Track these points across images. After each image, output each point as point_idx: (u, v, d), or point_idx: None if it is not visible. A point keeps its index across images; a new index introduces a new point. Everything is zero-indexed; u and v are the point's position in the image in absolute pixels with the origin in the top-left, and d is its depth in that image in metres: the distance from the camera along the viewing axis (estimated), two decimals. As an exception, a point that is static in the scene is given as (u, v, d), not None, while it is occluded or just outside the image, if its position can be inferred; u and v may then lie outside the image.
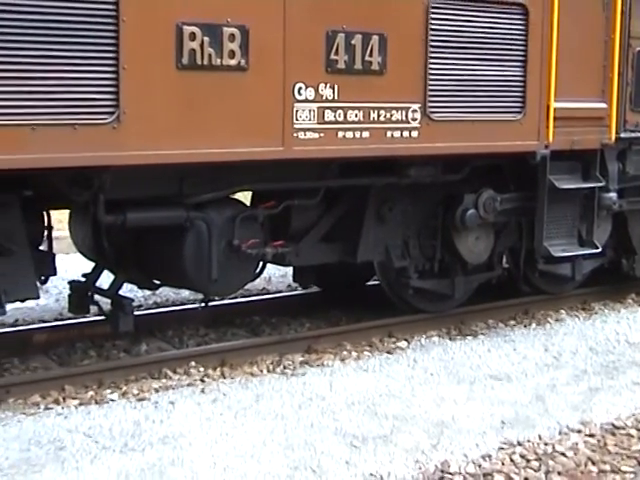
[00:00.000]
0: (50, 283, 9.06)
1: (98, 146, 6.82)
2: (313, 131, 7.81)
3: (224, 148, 7.43)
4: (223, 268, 8.18)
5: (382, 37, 8.08)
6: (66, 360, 8.63)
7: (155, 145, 7.09)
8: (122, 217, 7.69)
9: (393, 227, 9.37)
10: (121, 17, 6.82)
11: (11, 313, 8.98)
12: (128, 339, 8.97)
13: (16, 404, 7.42)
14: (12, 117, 6.45)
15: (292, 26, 7.61)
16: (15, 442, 6.56)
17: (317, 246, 9.11)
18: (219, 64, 7.31)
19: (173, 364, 8.29)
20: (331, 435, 6.83)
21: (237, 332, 9.60)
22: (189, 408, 7.25)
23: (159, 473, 6.14)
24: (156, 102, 7.07)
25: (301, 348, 8.88)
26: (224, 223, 8.19)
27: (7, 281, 7.46)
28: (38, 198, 7.78)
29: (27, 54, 6.48)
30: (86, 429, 6.81)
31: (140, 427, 6.87)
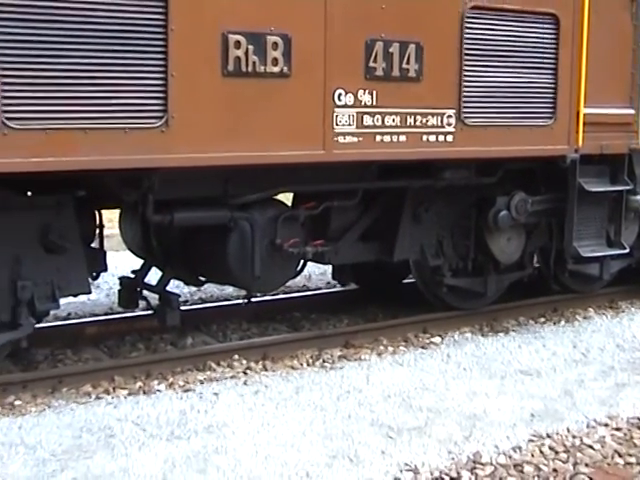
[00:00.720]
0: (101, 279, 9.11)
1: (147, 149, 6.87)
2: (352, 135, 7.82)
3: (267, 151, 7.45)
4: (265, 266, 8.20)
5: (419, 46, 8.08)
6: (116, 352, 8.69)
7: (201, 148, 7.12)
8: (169, 217, 7.74)
9: (428, 227, 9.36)
10: (170, 26, 6.86)
11: (64, 307, 9.03)
12: (175, 333, 9.01)
13: (69, 393, 7.49)
14: (67, 121, 6.52)
15: (333, 35, 7.62)
16: (68, 429, 6.61)
17: (355, 245, 9.12)
18: (263, 71, 7.33)
19: (217, 357, 8.32)
20: (368, 426, 6.83)
21: (278, 327, 9.63)
22: (232, 399, 7.27)
23: (204, 460, 6.16)
24: (202, 107, 7.10)
25: (339, 343, 8.89)
26: (267, 223, 8.22)
27: (61, 277, 7.54)
28: (90, 198, 7.83)
29: (81, 62, 6.53)
30: (135, 418, 6.85)
31: (186, 416, 6.90)
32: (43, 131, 6.46)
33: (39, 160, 6.46)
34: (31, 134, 6.42)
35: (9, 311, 7.36)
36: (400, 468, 6.20)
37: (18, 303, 7.33)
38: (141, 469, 6.01)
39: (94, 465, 6.06)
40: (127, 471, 5.98)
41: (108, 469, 6.00)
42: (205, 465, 6.10)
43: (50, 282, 7.49)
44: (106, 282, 10.78)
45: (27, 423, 6.71)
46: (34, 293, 7.37)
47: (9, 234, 7.24)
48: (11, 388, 7.44)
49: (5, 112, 6.30)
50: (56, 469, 5.99)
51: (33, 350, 8.27)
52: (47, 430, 6.59)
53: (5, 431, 6.55)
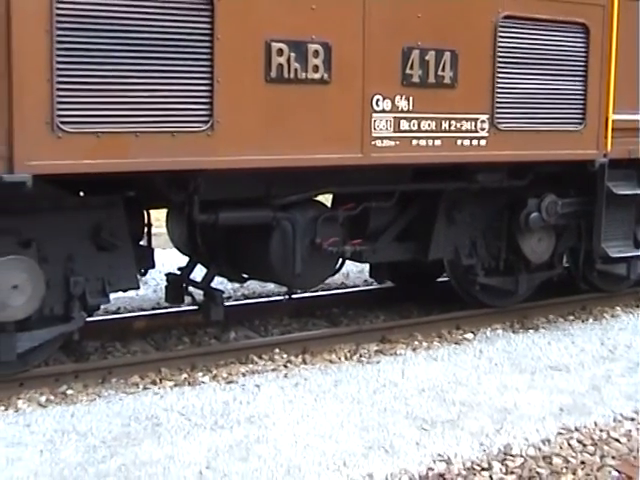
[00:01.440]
0: (149, 275, 9.20)
1: (194, 152, 6.91)
2: (389, 139, 7.83)
3: (308, 154, 7.48)
4: (306, 264, 8.23)
5: (454, 53, 8.07)
6: (162, 345, 8.73)
7: (245, 151, 7.15)
8: (214, 216, 7.78)
9: (462, 228, 9.35)
10: (216, 35, 6.90)
11: (114, 302, 9.10)
12: (218, 327, 9.05)
13: (118, 384, 7.54)
14: (118, 125, 6.58)
15: (371, 43, 7.63)
16: (117, 418, 6.67)
17: (392, 245, 9.12)
18: (304, 78, 7.35)
19: (259, 351, 8.35)
20: (403, 418, 6.84)
21: (317, 322, 9.64)
22: (273, 391, 7.30)
23: (245, 449, 6.19)
24: (246, 112, 7.14)
25: (376, 338, 8.88)
26: (307, 223, 8.24)
27: (111, 273, 7.61)
28: (139, 198, 7.90)
29: (132, 68, 6.59)
30: (180, 408, 6.90)
31: (229, 407, 6.94)
32: (95, 134, 6.52)
33: (91, 162, 6.52)
34: (84, 137, 6.48)
35: (62, 305, 7.43)
36: (433, 459, 6.21)
37: (71, 298, 7.40)
38: (186, 456, 6.05)
39: (141, 452, 6.11)
40: (173, 458, 6.02)
41: (155, 456, 6.05)
42: (247, 454, 6.13)
43: (101, 278, 7.55)
44: (153, 278, 10.84)
45: (79, 411, 6.78)
46: (86, 288, 7.43)
47: (63, 232, 7.31)
48: (64, 378, 7.50)
49: (60, 116, 6.37)
50: (106, 455, 6.04)
51: (84, 342, 8.34)
52: (97, 418, 6.65)
53: (58, 419, 6.62)
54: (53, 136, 6.37)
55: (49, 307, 7.35)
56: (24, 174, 6.27)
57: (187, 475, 5.79)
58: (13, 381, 7.31)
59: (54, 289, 7.32)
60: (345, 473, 5.91)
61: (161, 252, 10.02)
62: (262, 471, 5.88)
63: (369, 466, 6.02)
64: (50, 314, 7.40)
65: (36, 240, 7.16)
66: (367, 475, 5.90)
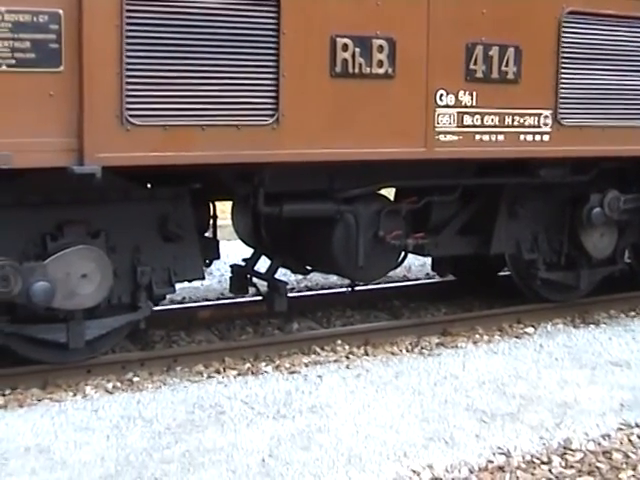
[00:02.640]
0: (213, 266, 9.24)
1: (259, 145, 6.95)
2: (453, 134, 7.80)
3: (371, 148, 7.48)
4: (369, 256, 8.23)
5: (517, 49, 8.01)
6: (226, 335, 8.79)
7: (310, 145, 7.17)
8: (279, 209, 7.81)
9: (524, 223, 9.28)
10: (282, 30, 6.92)
11: (179, 292, 9.17)
12: (282, 318, 9.08)
13: (182, 372, 7.61)
14: (185, 118, 6.64)
15: (435, 38, 7.61)
16: (182, 405, 6.73)
17: (454, 239, 9.09)
18: (368, 72, 7.35)
19: (321, 342, 8.37)
20: (463, 411, 6.82)
21: (379, 315, 9.64)
22: (335, 382, 7.31)
23: (307, 438, 6.21)
24: (311, 106, 7.16)
25: (437, 331, 8.86)
26: (370, 216, 8.24)
27: (177, 264, 7.67)
28: (205, 190, 7.95)
29: (199, 62, 6.65)
30: (243, 397, 6.93)
31: (291, 397, 6.97)
32: (163, 127, 6.58)
33: (159, 154, 6.59)
34: (152, 130, 6.55)
35: (129, 294, 7.51)
36: (493, 451, 6.17)
37: (138, 287, 7.48)
38: (249, 444, 6.09)
39: (205, 439, 6.15)
40: (236, 446, 6.06)
41: (218, 443, 6.09)
42: (309, 443, 6.15)
43: (167, 268, 7.63)
44: (218, 269, 10.91)
45: (144, 398, 6.85)
46: (152, 278, 7.51)
47: (130, 223, 7.39)
48: (130, 366, 7.59)
49: (128, 109, 6.44)
50: (170, 442, 6.10)
51: (150, 331, 8.42)
52: (162, 405, 6.72)
53: (125, 405, 6.70)
54: (122, 129, 6.45)
55: (117, 296, 7.44)
56: (94, 166, 6.34)
57: (250, 463, 5.82)
58: (81, 368, 7.41)
59: (122, 278, 7.40)
60: (405, 464, 5.90)
61: (226, 244, 10.05)
62: (323, 460, 5.90)
63: (429, 457, 6.01)
64: (118, 303, 7.49)
65: (105, 230, 7.25)
66: (427, 466, 5.89)
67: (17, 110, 6.17)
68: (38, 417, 6.46)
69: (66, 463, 5.75)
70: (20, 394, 7.00)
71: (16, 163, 6.21)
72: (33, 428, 6.26)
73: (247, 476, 5.65)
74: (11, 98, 6.15)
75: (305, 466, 5.80)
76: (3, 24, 6.08)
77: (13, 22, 6.10)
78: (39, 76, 6.21)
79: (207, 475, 5.64)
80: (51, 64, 6.23)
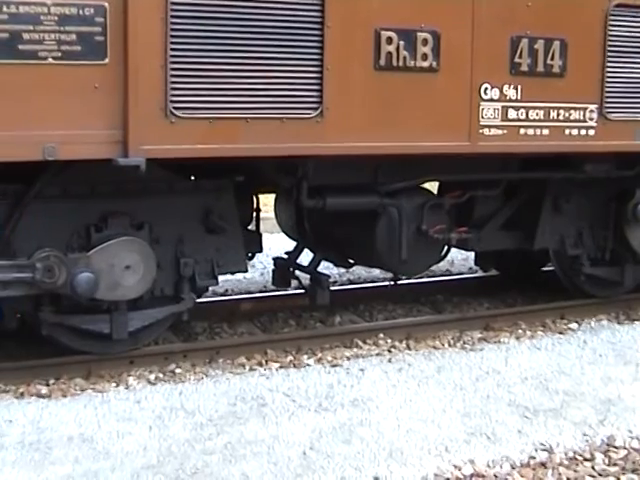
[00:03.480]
0: (256, 259, 9.30)
1: (303, 138, 6.94)
2: (497, 128, 7.75)
3: (415, 142, 7.44)
4: (412, 250, 8.20)
5: (563, 42, 7.94)
6: (269, 327, 8.80)
7: (353, 138, 7.16)
8: (322, 202, 7.80)
9: (568, 218, 9.20)
10: (326, 23, 6.91)
11: (222, 284, 9.17)
12: (324, 311, 9.07)
13: (225, 364, 7.63)
14: (229, 111, 6.64)
15: (480, 31, 7.56)
16: (224, 397, 6.74)
17: (497, 233, 9.03)
18: (413, 66, 7.32)
19: (363, 335, 8.36)
20: (505, 406, 6.77)
21: (422, 309, 9.61)
22: (377, 375, 7.29)
23: (349, 432, 6.20)
24: (355, 99, 7.14)
25: (480, 326, 8.82)
26: (414, 210, 8.21)
27: (220, 256, 7.68)
28: (248, 183, 7.95)
29: (244, 55, 6.66)
30: (285, 389, 6.93)
31: (333, 390, 6.95)
32: (207, 120, 6.60)
33: (203, 147, 6.61)
34: (196, 123, 6.57)
35: (172, 286, 7.53)
36: (535, 447, 6.13)
37: (181, 279, 7.50)
38: (290, 437, 6.08)
39: (247, 431, 6.16)
40: (277, 438, 6.06)
41: (260, 435, 6.09)
42: (350, 436, 6.13)
43: (210, 260, 7.64)
44: (261, 262, 10.93)
45: (187, 390, 6.87)
46: (195, 270, 7.52)
47: (174, 215, 7.41)
48: (172, 357, 7.62)
49: (173, 102, 6.46)
50: (212, 433, 6.11)
51: (193, 323, 8.45)
52: (205, 397, 6.73)
53: (167, 396, 6.72)
54: (166, 121, 6.47)
55: (160, 288, 7.46)
56: (138, 158, 6.37)
57: (291, 455, 5.82)
58: (124, 358, 7.45)
59: (165, 270, 7.43)
60: (447, 458, 5.88)
61: (268, 236, 10.07)
62: (364, 454, 5.88)
63: (471, 452, 5.98)
64: (161, 294, 7.52)
65: (148, 222, 7.28)
66: (469, 461, 5.86)
67: (62, 102, 6.21)
68: (81, 407, 6.50)
69: (109, 453, 5.79)
70: (64, 384, 7.06)
71: (61, 155, 6.24)
72: (76, 418, 6.30)
73: (288, 468, 5.65)
74: (57, 90, 6.19)
75: (346, 459, 5.78)
76: (49, 17, 6.11)
77: (59, 15, 6.14)
78: (84, 68, 6.24)
79: (248, 467, 5.64)
80: (96, 57, 6.26)
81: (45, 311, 7.08)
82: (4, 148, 6.08)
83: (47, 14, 6.10)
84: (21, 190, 6.88)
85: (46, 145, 6.16)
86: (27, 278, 6.70)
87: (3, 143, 6.07)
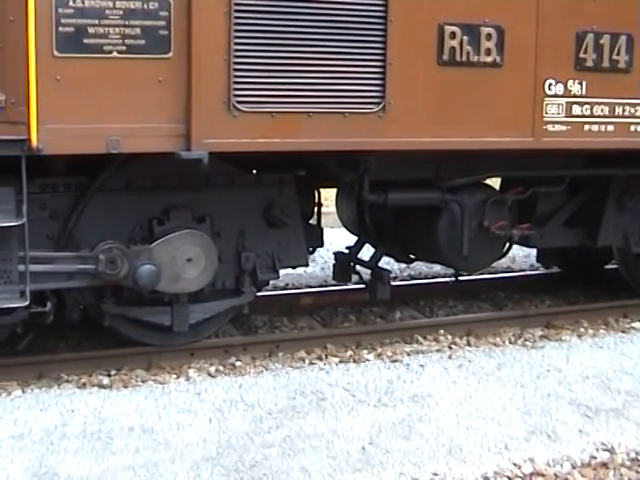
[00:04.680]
0: (317, 253, 9.27)
1: (365, 133, 6.93)
2: (561, 124, 7.67)
3: (478, 138, 7.40)
4: (473, 246, 8.15)
5: (629, 37, 7.83)
6: (328, 322, 8.80)
7: (415, 133, 7.13)
8: (384, 197, 7.79)
9: (632, 215, 9.07)
10: (389, 18, 6.89)
11: (282, 278, 9.19)
12: (384, 306, 9.05)
13: (284, 358, 7.64)
14: (292, 105, 6.65)
15: (544, 26, 7.49)
16: (283, 391, 6.75)
17: (560, 230, 8.94)
18: (476, 61, 7.27)
19: (424, 331, 8.33)
20: (566, 405, 6.70)
21: (482, 305, 9.55)
22: (437, 371, 7.26)
23: (408, 427, 6.18)
24: (417, 94, 7.11)
25: (541, 323, 8.74)
26: (476, 206, 8.16)
27: (281, 250, 7.70)
28: (310, 177, 7.95)
29: (307, 50, 6.66)
30: (345, 384, 6.92)
31: (392, 385, 6.93)
32: (269, 114, 6.60)
33: (266, 141, 6.62)
34: (259, 117, 6.58)
35: (233, 279, 7.56)
36: (596, 447, 6.06)
37: (242, 272, 7.53)
38: (349, 431, 6.08)
39: (306, 425, 6.16)
40: (336, 432, 6.06)
41: (319, 430, 6.09)
42: (409, 432, 6.11)
43: (271, 254, 7.66)
44: (321, 256, 10.93)
45: (246, 383, 6.89)
46: (256, 264, 7.55)
47: (236, 209, 7.43)
48: (233, 350, 7.65)
49: (236, 96, 6.47)
50: (271, 426, 6.12)
51: (253, 316, 8.48)
52: (264, 390, 6.75)
53: (227, 389, 6.75)
54: (229, 115, 6.49)
55: (221, 281, 7.50)
56: (201, 151, 6.39)
57: (350, 450, 5.81)
58: (185, 351, 7.49)
59: (226, 263, 7.46)
60: (506, 456, 5.83)
61: (329, 231, 10.07)
62: (424, 450, 5.86)
63: (531, 450, 5.92)
64: (222, 288, 7.55)
65: (210, 215, 7.31)
66: (528, 459, 5.81)
67: (126, 96, 6.26)
68: (142, 398, 6.55)
69: (169, 444, 5.82)
70: (125, 375, 7.11)
71: (125, 148, 6.29)
72: (137, 409, 6.35)
73: (347, 463, 5.64)
74: (121, 84, 6.24)
75: (405, 455, 5.76)
76: (114, 11, 6.16)
77: (124, 9, 6.18)
78: (148, 62, 6.28)
79: (307, 461, 5.65)
80: (160, 50, 6.30)
81: (107, 303, 7.15)
82: (69, 141, 6.14)
83: (112, 8, 6.15)
84: (85, 182, 6.95)
85: (110, 138, 6.22)
86: (90, 270, 6.77)
87: (68, 136, 6.13)
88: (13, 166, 6.15)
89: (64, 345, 7.82)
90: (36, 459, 5.55)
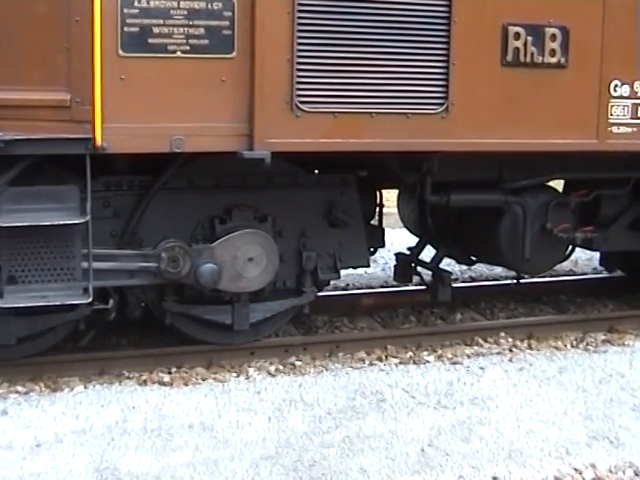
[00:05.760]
0: (378, 254, 9.25)
1: (428, 133, 6.90)
2: (627, 126, 7.56)
3: (541, 139, 7.33)
4: (535, 249, 8.07)
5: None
6: (389, 323, 8.77)
7: (478, 134, 7.08)
8: (446, 198, 7.75)
9: (698, 219, 8.94)
10: (453, 18, 6.84)
11: (343, 278, 9.17)
12: (445, 308, 9.01)
13: (344, 358, 7.64)
14: (354, 106, 6.64)
15: (610, 27, 7.39)
16: (343, 391, 6.74)
17: (624, 233, 8.81)
18: (540, 62, 7.20)
19: (484, 333, 8.27)
20: (629, 410, 6.60)
21: (544, 308, 9.45)
22: (497, 374, 7.21)
23: (468, 430, 6.14)
24: (480, 95, 7.06)
25: (603, 327, 8.64)
26: (539, 208, 8.08)
27: (342, 250, 7.69)
28: (372, 178, 7.93)
29: (369, 50, 6.64)
30: (404, 385, 6.90)
31: (452, 387, 6.89)
32: (332, 114, 6.59)
33: (328, 141, 6.61)
34: (321, 117, 6.57)
35: (294, 279, 7.57)
36: (661, 455, 5.98)
37: (303, 272, 7.54)
38: (409, 433, 6.05)
39: (365, 426, 6.15)
40: (395, 434, 6.03)
41: (378, 430, 6.07)
42: (469, 435, 6.07)
43: (332, 254, 7.65)
44: (382, 257, 10.89)
45: (306, 382, 6.89)
46: (317, 264, 7.54)
47: (297, 208, 7.44)
48: (293, 350, 7.66)
49: (299, 96, 6.47)
50: (331, 426, 6.11)
51: (313, 316, 8.48)
52: (324, 390, 6.74)
53: (286, 388, 6.75)
54: (292, 115, 6.49)
55: (282, 280, 7.51)
56: (263, 151, 6.40)
57: (409, 451, 5.78)
58: (245, 349, 7.52)
59: (287, 263, 7.46)
60: (567, 461, 5.77)
61: (390, 232, 10.04)
62: (483, 453, 5.81)
63: (592, 456, 5.85)
64: (283, 287, 7.57)
65: (272, 215, 7.32)
66: (590, 465, 5.74)
67: (190, 95, 6.29)
68: (202, 396, 6.57)
69: (228, 442, 5.84)
70: (185, 372, 7.15)
71: (188, 147, 6.33)
72: (197, 406, 6.38)
73: (406, 464, 5.62)
74: (184, 84, 6.27)
75: (465, 458, 5.73)
76: (179, 11, 6.19)
77: (188, 9, 6.21)
78: (212, 62, 6.31)
79: (366, 461, 5.63)
80: (224, 50, 6.32)
81: (168, 301, 7.19)
82: (133, 140, 6.19)
83: (176, 8, 6.18)
84: (148, 181, 7.00)
85: (173, 137, 6.25)
86: (152, 268, 6.82)
87: (132, 135, 6.17)
88: (77, 164, 6.21)
89: (125, 342, 7.89)
90: (97, 454, 5.61)
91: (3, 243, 6.30)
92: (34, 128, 6.09)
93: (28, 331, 6.85)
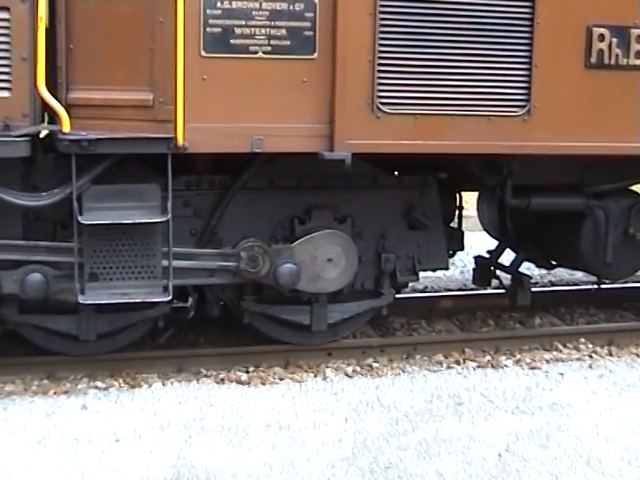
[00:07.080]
0: (457, 257, 9.20)
1: (509, 136, 6.82)
2: None
3: (625, 143, 7.20)
4: (617, 254, 7.94)
5: None
6: (467, 326, 8.70)
7: (561, 137, 6.98)
8: (527, 201, 7.67)
9: None
10: (536, 20, 6.76)
11: (422, 280, 9.11)
12: (523, 312, 8.91)
13: (422, 360, 7.59)
14: (435, 107, 6.59)
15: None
16: (420, 394, 6.70)
17: None
18: (625, 64, 7.07)
19: (563, 339, 8.16)
20: None
21: (625, 314, 9.28)
22: (576, 380, 7.10)
23: (546, 436, 6.05)
24: (563, 98, 6.97)
25: (685, 335, 8.47)
26: (621, 212, 7.95)
27: (421, 252, 7.65)
28: (451, 180, 7.86)
29: (450, 52, 6.60)
30: (482, 389, 6.83)
31: (531, 393, 6.81)
32: (413, 116, 6.56)
33: (408, 142, 6.58)
34: (402, 118, 6.55)
35: (373, 281, 7.54)
36: None
37: (381, 274, 7.50)
38: (486, 437, 5.99)
39: (442, 429, 6.10)
40: (472, 438, 5.98)
41: (455, 434, 6.03)
42: (547, 441, 5.99)
43: (411, 256, 7.61)
44: (461, 260, 10.82)
45: (383, 384, 6.87)
46: (396, 266, 7.50)
47: (377, 210, 7.41)
48: (370, 351, 7.63)
49: (380, 97, 6.45)
50: (407, 429, 6.08)
51: (391, 318, 8.43)
52: (401, 392, 6.71)
53: (363, 389, 6.73)
54: (372, 116, 6.47)
55: (360, 282, 7.48)
56: (344, 152, 6.39)
57: (486, 456, 5.73)
58: (323, 350, 7.51)
59: (366, 264, 7.44)
60: (648, 470, 5.67)
61: (469, 234, 9.96)
62: (561, 460, 5.73)
63: (674, 466, 5.74)
64: (361, 288, 7.54)
65: (351, 216, 7.31)
66: (672, 475, 5.63)
67: (271, 96, 6.30)
68: (279, 395, 6.58)
69: (305, 442, 5.84)
70: (263, 372, 7.17)
71: (268, 147, 6.34)
72: (274, 406, 6.39)
73: (483, 469, 5.56)
74: (266, 84, 6.29)
75: (542, 464, 5.65)
76: (261, 12, 6.21)
77: (270, 10, 6.23)
78: (293, 63, 6.31)
79: (442, 465, 5.59)
80: (305, 51, 6.32)
81: (247, 300, 7.21)
82: (214, 140, 6.22)
83: (259, 9, 6.20)
84: (228, 181, 7.03)
85: (254, 137, 6.27)
86: (231, 267, 6.84)
87: (213, 135, 6.21)
88: (159, 163, 6.26)
89: (203, 340, 7.93)
90: (175, 450, 5.65)
91: (85, 240, 6.37)
92: (117, 127, 6.17)
93: (108, 327, 6.94)
